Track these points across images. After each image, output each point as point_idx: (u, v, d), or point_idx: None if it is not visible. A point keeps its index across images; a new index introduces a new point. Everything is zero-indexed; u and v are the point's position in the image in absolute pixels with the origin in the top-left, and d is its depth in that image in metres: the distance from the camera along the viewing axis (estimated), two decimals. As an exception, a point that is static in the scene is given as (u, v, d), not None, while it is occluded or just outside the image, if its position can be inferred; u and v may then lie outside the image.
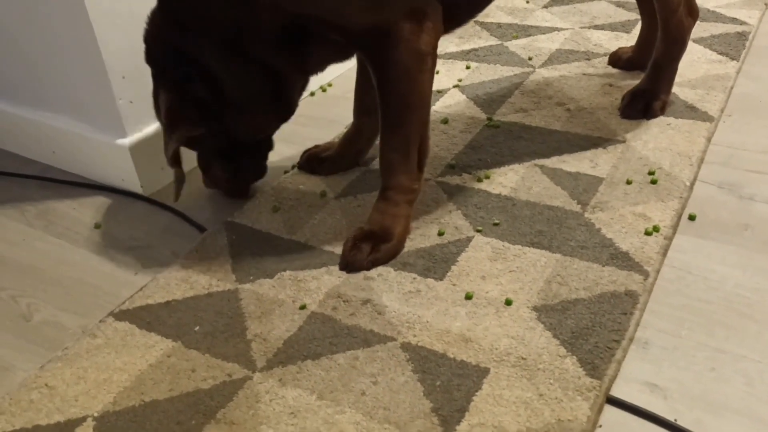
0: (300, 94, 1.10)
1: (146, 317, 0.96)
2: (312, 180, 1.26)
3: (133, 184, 1.26)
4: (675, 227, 1.06)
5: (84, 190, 1.31)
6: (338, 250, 1.06)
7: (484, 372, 0.83)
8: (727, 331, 0.87)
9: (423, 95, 1.01)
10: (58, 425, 0.81)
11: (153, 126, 1.25)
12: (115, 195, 1.28)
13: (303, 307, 0.95)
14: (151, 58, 1.04)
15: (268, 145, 1.18)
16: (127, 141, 1.22)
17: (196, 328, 0.94)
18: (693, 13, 1.31)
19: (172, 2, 1.00)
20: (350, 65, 1.69)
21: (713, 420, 0.76)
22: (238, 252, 1.08)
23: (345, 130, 1.30)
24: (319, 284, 1.00)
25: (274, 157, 1.34)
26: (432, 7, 0.98)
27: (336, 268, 1.03)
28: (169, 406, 0.82)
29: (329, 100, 1.58)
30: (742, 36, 1.65)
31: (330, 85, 1.64)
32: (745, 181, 1.15)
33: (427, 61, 0.99)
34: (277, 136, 1.17)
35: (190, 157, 1.20)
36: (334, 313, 0.94)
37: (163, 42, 1.02)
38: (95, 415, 0.82)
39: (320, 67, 1.07)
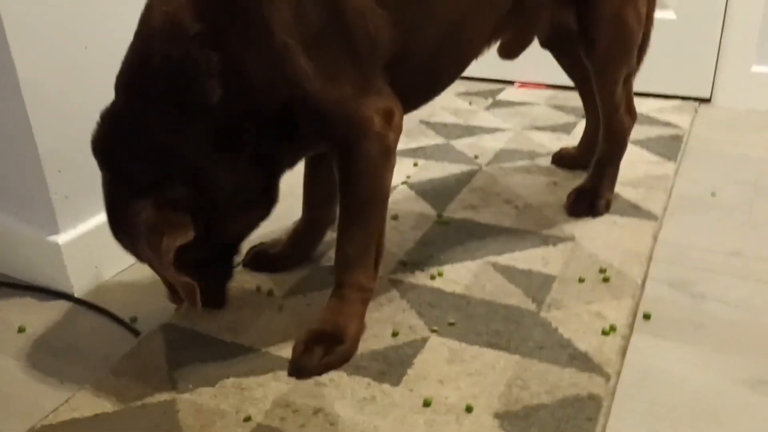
0: None
1: (71, 433, 0.87)
2: (258, 278, 1.20)
3: (65, 283, 1.17)
4: (631, 326, 1.04)
5: (10, 291, 1.21)
6: (287, 353, 0.99)
7: (447, 488, 0.77)
8: (694, 436, 0.84)
9: (386, 191, 1.00)
10: None
11: (88, 223, 1.18)
12: (44, 296, 1.19)
13: (248, 419, 0.88)
14: (113, 164, 0.93)
15: (237, 250, 1.07)
16: (60, 238, 1.15)
17: (128, 445, 0.85)
18: (632, 113, 1.36)
19: (148, 98, 0.89)
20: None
21: None
22: (176, 357, 1.00)
23: (292, 226, 1.26)
24: (265, 392, 0.92)
25: (217, 255, 1.29)
26: (397, 105, 0.98)
27: (284, 373, 0.96)
28: None
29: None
30: (677, 139, 1.73)
31: (276, 180, 1.61)
32: (695, 279, 1.16)
33: (392, 157, 0.98)
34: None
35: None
36: (282, 425, 0.87)
37: (131, 142, 0.90)
38: None
39: (299, 158, 1.03)
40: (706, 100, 2.02)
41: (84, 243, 1.17)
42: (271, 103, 0.91)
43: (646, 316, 1.07)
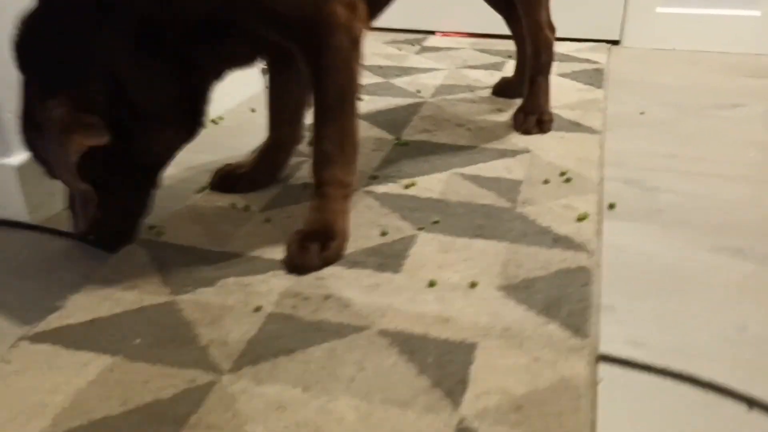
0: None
1: (71, 336, 0.82)
2: (229, 198, 1.17)
3: (19, 210, 1.09)
4: (600, 214, 1.11)
5: (-50, 225, 1.12)
6: (279, 256, 0.98)
7: (472, 346, 0.79)
8: (679, 297, 0.91)
9: (357, 83, 1.00)
10: (-18, 459, 0.65)
11: (43, 144, 1.11)
12: (-7, 226, 1.10)
13: (258, 309, 0.87)
14: (29, 64, 0.87)
15: (155, 180, 1.00)
16: (14, 160, 1.07)
17: (137, 341, 0.81)
18: (552, 29, 1.46)
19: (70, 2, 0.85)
20: (242, 99, 1.64)
21: (698, 364, 0.78)
22: (165, 266, 0.97)
23: (258, 147, 1.23)
24: (269, 287, 0.91)
25: (175, 182, 1.24)
26: None
27: (283, 272, 0.95)
28: (126, 420, 0.69)
29: (223, 131, 1.51)
30: (599, 71, 1.84)
31: (221, 118, 1.57)
32: (644, 177, 1.25)
33: (360, 48, 0.99)
34: (177, 162, 1.07)
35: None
36: (295, 312, 0.86)
37: (49, 42, 0.86)
38: (31, 441, 0.67)
39: (230, 69, 1.00)
40: (615, 42, 2.16)
41: (37, 167, 1.10)
42: (218, 5, 0.89)
43: (611, 206, 1.14)
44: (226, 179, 1.20)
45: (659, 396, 0.74)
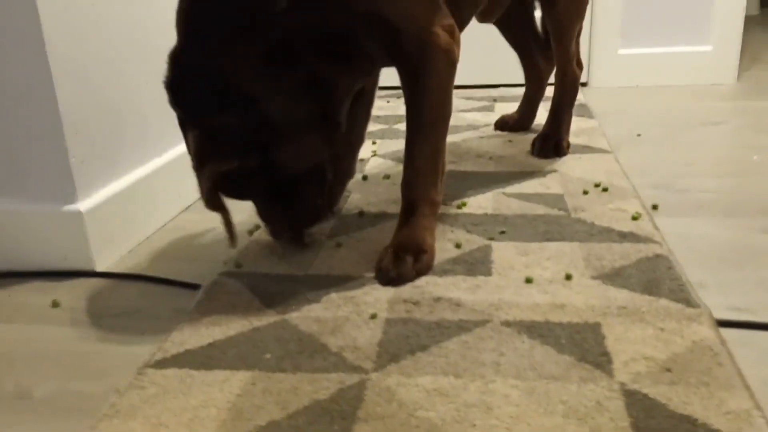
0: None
1: (196, 359, 0.80)
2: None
3: (84, 259, 1.07)
4: (649, 214, 1.18)
5: (5, 281, 1.07)
6: (367, 274, 1.00)
7: (597, 325, 0.83)
8: (753, 269, 0.98)
9: (451, 105, 1.05)
10: (164, 472, 0.62)
11: (104, 191, 1.10)
12: (56, 277, 1.07)
13: (374, 316, 0.87)
14: (178, 101, 0.93)
15: (324, 177, 1.05)
16: (81, 206, 1.05)
17: (267, 356, 0.80)
18: (580, 65, 1.55)
19: (203, 30, 0.90)
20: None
21: (801, 319, 0.84)
22: (261, 292, 0.96)
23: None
24: (374, 297, 0.92)
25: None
26: (455, 24, 1.04)
27: (379, 285, 0.96)
28: (294, 421, 0.68)
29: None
30: (584, 106, 1.97)
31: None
32: (671, 182, 1.34)
33: (455, 72, 1.04)
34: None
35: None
36: (411, 315, 0.87)
37: (190, 78, 0.91)
38: (207, 450, 0.65)
39: (350, 83, 1.03)
40: (583, 84, 2.32)
41: (105, 212, 1.08)
42: (339, 17, 0.94)
43: (654, 207, 1.21)
44: (283, 214, 1.21)
45: (783, 348, 0.79)
